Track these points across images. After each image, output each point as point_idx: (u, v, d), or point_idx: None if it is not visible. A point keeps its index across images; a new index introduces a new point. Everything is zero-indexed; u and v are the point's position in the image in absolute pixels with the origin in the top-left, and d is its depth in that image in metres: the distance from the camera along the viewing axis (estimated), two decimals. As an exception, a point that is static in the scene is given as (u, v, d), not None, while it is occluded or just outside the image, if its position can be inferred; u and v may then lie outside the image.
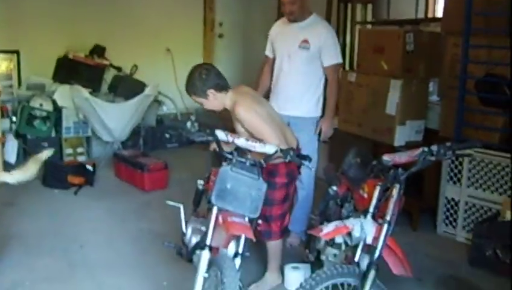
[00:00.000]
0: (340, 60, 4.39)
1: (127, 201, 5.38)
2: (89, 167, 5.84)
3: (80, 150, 6.63)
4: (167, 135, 3.21)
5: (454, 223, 4.66)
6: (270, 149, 2.96)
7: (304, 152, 4.22)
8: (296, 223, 4.18)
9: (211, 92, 3.33)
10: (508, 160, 4.29)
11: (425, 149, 2.90)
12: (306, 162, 3.05)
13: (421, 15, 6.41)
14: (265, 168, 2.99)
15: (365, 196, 3.06)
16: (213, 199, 2.83)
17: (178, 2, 7.82)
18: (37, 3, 6.91)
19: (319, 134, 4.33)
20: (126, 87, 6.84)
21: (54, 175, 5.67)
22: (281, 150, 2.99)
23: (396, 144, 4.97)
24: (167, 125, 7.31)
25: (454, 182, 4.64)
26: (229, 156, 2.89)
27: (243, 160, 2.89)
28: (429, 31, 5.21)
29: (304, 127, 4.22)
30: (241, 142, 2.93)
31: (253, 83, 8.15)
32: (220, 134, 2.93)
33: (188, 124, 2.91)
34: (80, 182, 5.70)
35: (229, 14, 8.29)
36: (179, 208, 3.40)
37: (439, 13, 6.25)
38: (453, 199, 4.65)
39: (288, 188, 3.54)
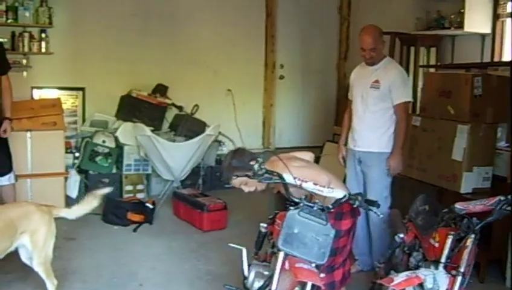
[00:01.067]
0: (408, 98, 4.52)
1: (186, 240, 5.36)
2: (149, 205, 5.87)
3: (139, 187, 6.69)
4: (234, 177, 3.15)
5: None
6: (338, 194, 2.89)
7: (375, 188, 4.44)
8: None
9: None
10: None
11: (502, 198, 2.78)
12: (374, 209, 2.95)
13: (486, 58, 6.25)
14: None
15: (436, 245, 2.94)
16: (280, 244, 2.76)
17: (240, 43, 7.89)
18: (104, 44, 7.12)
19: (388, 170, 4.46)
20: (187, 126, 6.90)
21: (114, 212, 5.73)
22: (349, 195, 2.91)
23: (463, 191, 4.82)
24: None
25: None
26: (297, 200, 2.83)
27: (311, 204, 2.82)
28: (497, 75, 5.07)
29: (375, 163, 4.47)
30: (309, 185, 2.87)
31: (313, 121, 8.29)
32: (288, 177, 2.88)
33: (256, 166, 2.85)
34: (140, 219, 5.73)
35: (290, 56, 8.31)
36: (241, 251, 3.32)
37: (507, 57, 6.10)
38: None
39: (350, 234, 3.44)
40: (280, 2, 8.09)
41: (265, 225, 3.49)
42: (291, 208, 2.82)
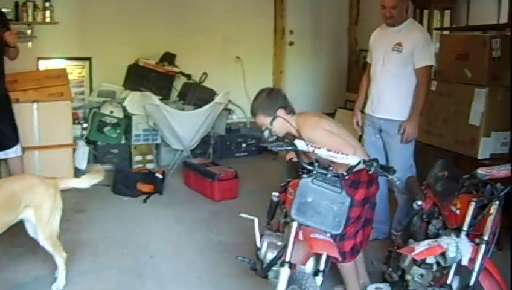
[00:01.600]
0: (431, 62, 4.29)
1: (197, 210, 5.28)
2: (159, 175, 5.78)
3: (149, 157, 6.60)
4: (244, 145, 3.03)
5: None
6: (352, 160, 2.76)
7: (397, 157, 4.31)
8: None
9: (280, 112, 3.26)
10: None
11: (528, 162, 2.63)
12: (390, 175, 2.82)
13: (503, 20, 6.03)
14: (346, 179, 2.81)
15: (458, 212, 2.82)
16: (293, 214, 2.65)
17: (248, 10, 7.71)
18: (109, 13, 6.97)
19: (402, 134, 4.26)
20: (196, 94, 6.82)
21: (124, 182, 5.66)
22: (364, 161, 2.79)
23: (480, 156, 4.68)
24: (242, 134, 7.28)
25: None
26: (310, 168, 2.71)
27: (324, 172, 2.70)
28: (517, 36, 4.88)
29: (398, 132, 4.25)
30: (322, 152, 2.74)
31: (324, 88, 8.14)
32: (300, 144, 2.76)
33: (266, 133, 2.74)
34: (150, 190, 5.65)
35: (299, 21, 8.12)
36: (253, 221, 3.23)
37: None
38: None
39: (365, 205, 3.33)
40: (288, -35, 7.88)
41: (277, 194, 3.40)
42: (304, 176, 2.71)
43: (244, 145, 7.23)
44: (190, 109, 6.51)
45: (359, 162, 2.76)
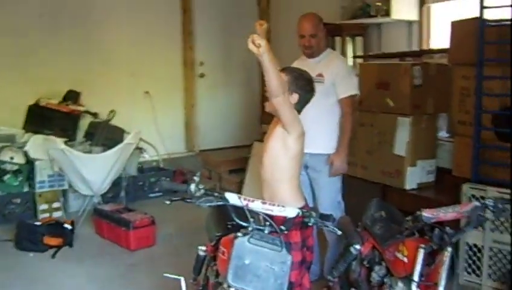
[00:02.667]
0: (354, 92, 4.16)
1: (112, 263, 4.82)
2: (67, 226, 5.28)
3: (55, 205, 6.05)
4: (167, 202, 2.68)
5: (478, 272, 4.21)
6: (290, 212, 2.49)
7: (325, 193, 4.11)
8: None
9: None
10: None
11: (478, 204, 2.46)
12: (330, 224, 2.58)
13: (414, 46, 6.07)
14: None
15: (405, 260, 2.60)
16: (230, 280, 2.33)
17: (155, 43, 7.37)
18: (5, 48, 6.40)
19: (330, 168, 4.09)
20: (104, 134, 6.37)
21: (28, 237, 5.12)
22: (303, 213, 2.52)
23: (407, 187, 4.59)
24: (155, 173, 6.97)
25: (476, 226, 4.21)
26: (245, 224, 2.42)
27: (261, 228, 2.42)
28: (436, 63, 4.85)
29: (325, 166, 4.10)
30: (256, 205, 2.46)
31: (238, 120, 7.91)
32: (232, 197, 2.46)
33: (192, 187, 2.42)
34: (58, 243, 5.14)
35: (210, 53, 7.87)
36: (179, 281, 2.90)
37: (434, 44, 5.95)
38: (475, 245, 4.21)
39: (304, 248, 3.06)
40: (196, -4, 7.64)
41: (204, 248, 3.11)
42: (239, 233, 2.41)
43: (158, 184, 6.86)
44: (98, 150, 6.06)
45: (298, 214, 2.49)
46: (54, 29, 6.66)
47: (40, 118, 6.27)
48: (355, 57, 6.23)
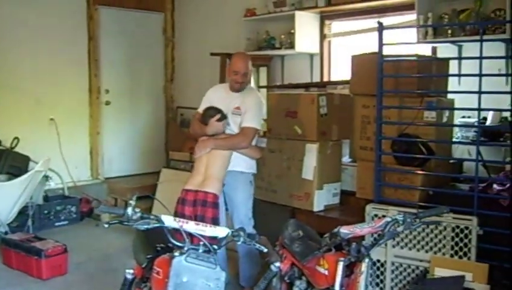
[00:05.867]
0: (254, 126, 4.34)
1: (24, 295, 4.74)
2: (-27, 257, 5.12)
3: (-43, 236, 5.83)
4: (106, 225, 2.74)
5: (381, 285, 4.55)
6: (221, 232, 2.67)
7: (241, 210, 4.42)
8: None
9: None
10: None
11: (389, 219, 2.74)
12: (257, 244, 2.77)
13: (315, 76, 6.45)
14: None
15: (326, 272, 2.83)
16: (170, 298, 2.47)
17: (61, 69, 7.27)
18: None
19: None
20: (8, 162, 6.25)
21: None
22: (232, 232, 2.71)
23: (316, 209, 4.87)
24: (61, 201, 6.82)
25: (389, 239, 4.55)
26: (180, 245, 2.56)
27: (196, 247, 2.57)
28: (340, 94, 5.22)
29: (241, 184, 4.41)
30: (190, 226, 2.61)
31: (144, 147, 7.96)
32: (167, 219, 2.60)
33: (129, 210, 2.53)
34: (-37, 276, 4.97)
35: (115, 80, 7.87)
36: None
37: (334, 75, 6.36)
38: (378, 260, 4.55)
39: None
40: (102, 24, 7.64)
41: (131, 271, 3.18)
42: (176, 253, 2.55)
43: (64, 213, 6.77)
44: (3, 178, 5.93)
45: (228, 234, 2.67)
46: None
47: None
48: (260, 87, 6.51)
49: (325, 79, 6.37)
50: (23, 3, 6.90)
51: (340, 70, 6.19)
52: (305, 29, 6.20)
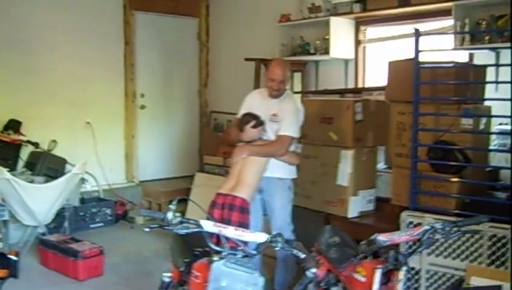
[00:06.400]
0: (291, 134, 4.37)
1: (61, 295, 4.83)
2: (12, 257, 5.21)
3: (-4, 236, 5.97)
4: (147, 229, 2.79)
5: (416, 293, 4.53)
6: (260, 238, 2.69)
7: (279, 215, 4.44)
8: None
9: None
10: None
11: (428, 227, 2.73)
12: (294, 250, 2.78)
13: (350, 82, 6.44)
14: None
15: (363, 280, 2.83)
16: (210, 301, 2.50)
17: (96, 74, 7.43)
18: None
19: None
20: (45, 164, 6.36)
21: (-29, 270, 5.03)
22: (271, 239, 2.72)
23: (350, 215, 4.86)
24: (96, 203, 6.94)
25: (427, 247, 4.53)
26: (219, 249, 2.59)
27: (234, 252, 2.60)
28: (375, 100, 5.21)
29: (279, 190, 4.43)
30: (229, 232, 2.64)
31: (178, 151, 8.03)
32: (206, 224, 2.63)
33: (169, 214, 2.57)
34: (3, 274, 5.04)
35: (150, 84, 8.00)
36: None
37: (369, 81, 6.34)
38: (413, 268, 4.52)
39: None
40: (138, 29, 7.77)
41: (169, 274, 3.20)
42: (216, 258, 2.58)
43: (99, 215, 6.88)
44: (40, 180, 6.04)
45: (267, 239, 2.69)
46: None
47: (-19, 148, 6.20)
48: (294, 92, 6.51)
49: (360, 85, 6.36)
50: (60, 8, 7.07)
51: (375, 76, 6.17)
52: (340, 34, 6.19)
